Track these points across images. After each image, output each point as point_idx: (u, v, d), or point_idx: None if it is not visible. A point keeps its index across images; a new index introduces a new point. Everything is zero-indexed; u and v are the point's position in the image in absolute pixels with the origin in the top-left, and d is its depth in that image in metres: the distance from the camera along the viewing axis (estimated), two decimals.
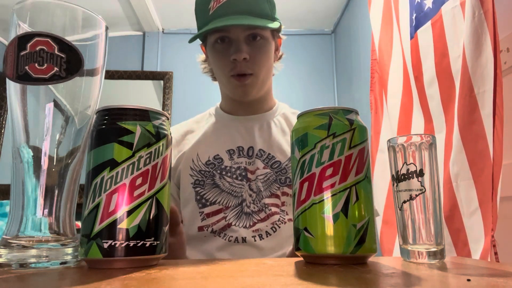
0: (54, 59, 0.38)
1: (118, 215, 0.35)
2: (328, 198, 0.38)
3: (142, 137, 0.37)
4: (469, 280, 0.31)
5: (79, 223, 0.38)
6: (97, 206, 0.35)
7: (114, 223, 0.35)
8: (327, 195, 0.38)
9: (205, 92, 1.94)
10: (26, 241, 0.37)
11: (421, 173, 0.44)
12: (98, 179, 0.36)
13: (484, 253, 0.90)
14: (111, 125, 0.37)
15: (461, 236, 0.99)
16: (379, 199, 1.46)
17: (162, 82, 2.47)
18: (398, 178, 0.45)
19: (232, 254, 0.76)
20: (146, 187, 0.36)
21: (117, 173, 0.36)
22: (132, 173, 0.36)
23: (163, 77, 2.48)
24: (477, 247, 0.93)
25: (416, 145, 0.44)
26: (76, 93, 0.41)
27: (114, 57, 2.44)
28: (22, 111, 0.39)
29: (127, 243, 0.35)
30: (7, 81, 0.39)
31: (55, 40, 0.38)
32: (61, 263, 0.37)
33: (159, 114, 0.40)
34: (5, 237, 0.38)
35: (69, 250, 0.39)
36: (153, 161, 0.37)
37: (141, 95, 2.46)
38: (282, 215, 0.79)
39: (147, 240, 0.36)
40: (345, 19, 2.34)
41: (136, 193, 0.36)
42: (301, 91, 2.48)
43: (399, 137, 0.46)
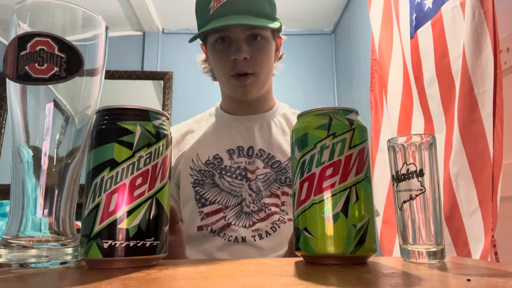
0: (54, 59, 0.38)
1: (118, 215, 0.35)
2: (328, 198, 0.38)
3: (142, 137, 0.37)
4: (469, 280, 0.31)
5: (79, 223, 0.38)
6: (97, 206, 0.35)
7: (114, 223, 0.35)
8: (327, 195, 0.38)
9: (205, 92, 1.94)
10: (26, 241, 0.37)
11: (421, 173, 0.44)
12: (98, 179, 0.36)
13: (484, 253, 0.90)
14: (111, 125, 0.37)
15: (461, 236, 0.99)
16: (379, 199, 1.46)
17: (162, 82, 2.47)
18: (398, 178, 0.45)
19: (231, 253, 0.76)
20: (146, 187, 0.36)
21: (117, 173, 0.36)
22: (132, 173, 0.36)
23: (163, 77, 2.48)
24: (477, 247, 0.93)
25: (416, 145, 0.44)
26: (76, 93, 0.41)
27: (114, 57, 2.45)
28: (22, 111, 0.39)
29: (127, 243, 0.35)
30: (7, 81, 0.39)
31: (55, 40, 0.38)
32: (61, 263, 0.37)
33: (159, 114, 0.40)
34: (5, 237, 0.38)
35: (69, 250, 0.39)
36: (153, 161, 0.37)
37: (141, 95, 2.46)
38: (282, 215, 0.79)
39: (147, 240, 0.36)
40: (345, 19, 2.34)
41: (136, 193, 0.36)
42: (301, 91, 2.48)
43: (399, 137, 0.46)
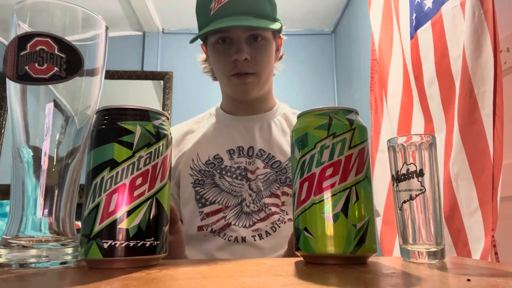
0: (54, 59, 0.38)
1: (118, 215, 0.35)
2: (328, 198, 0.38)
3: (142, 137, 0.37)
4: (469, 280, 0.31)
5: (79, 223, 0.38)
6: (97, 206, 0.35)
7: (114, 223, 0.35)
8: (327, 195, 0.38)
9: (205, 92, 1.95)
10: (26, 241, 0.37)
11: (421, 173, 0.44)
12: (98, 179, 0.36)
13: (484, 253, 0.90)
14: (111, 125, 0.37)
15: (461, 236, 0.99)
16: (379, 199, 1.46)
17: (162, 82, 2.47)
18: (398, 178, 0.45)
19: (231, 253, 0.76)
20: (146, 187, 0.36)
21: (117, 173, 0.36)
22: (132, 173, 0.36)
23: (163, 77, 2.48)
24: (477, 247, 0.93)
25: (416, 145, 0.44)
26: (76, 93, 0.41)
27: (114, 57, 2.45)
28: (22, 111, 0.39)
29: (127, 243, 0.35)
30: (7, 81, 0.39)
31: (55, 40, 0.38)
32: (61, 263, 0.37)
33: (159, 114, 0.40)
34: (5, 237, 0.38)
35: (69, 250, 0.39)
36: (153, 161, 0.37)
37: (141, 95, 2.47)
38: (282, 215, 0.79)
39: (147, 240, 0.36)
40: (345, 19, 2.34)
41: (136, 193, 0.36)
42: (301, 91, 2.48)
43: (399, 137, 0.46)
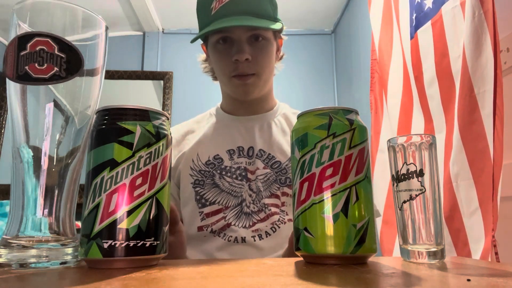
0: (54, 59, 0.38)
1: (118, 215, 0.35)
2: (328, 198, 0.38)
3: (142, 137, 0.37)
4: (469, 280, 0.31)
5: (79, 223, 0.38)
6: (97, 206, 0.35)
7: (114, 223, 0.35)
8: (327, 195, 0.38)
9: (205, 92, 1.95)
10: (26, 241, 0.37)
11: (421, 173, 0.44)
12: (98, 179, 0.36)
13: (484, 253, 0.90)
14: (111, 125, 0.37)
15: (461, 236, 0.99)
16: (379, 199, 1.46)
17: (162, 82, 2.47)
18: (398, 178, 0.45)
19: (231, 254, 0.76)
20: (146, 187, 0.36)
21: (117, 173, 0.36)
22: (132, 173, 0.36)
23: (163, 77, 2.48)
24: (477, 247, 0.93)
25: (416, 145, 0.44)
26: (76, 93, 0.41)
27: (114, 57, 2.45)
28: (22, 111, 0.39)
29: (127, 243, 0.35)
30: (7, 81, 0.39)
31: (55, 40, 0.38)
32: (61, 263, 0.37)
33: (159, 114, 0.40)
34: (5, 237, 0.38)
35: (69, 250, 0.39)
36: (153, 161, 0.37)
37: (141, 95, 2.47)
38: (282, 215, 0.79)
39: (147, 240, 0.36)
40: (345, 19, 2.34)
41: (136, 193, 0.36)
42: (301, 91, 2.48)
43: (399, 137, 0.46)
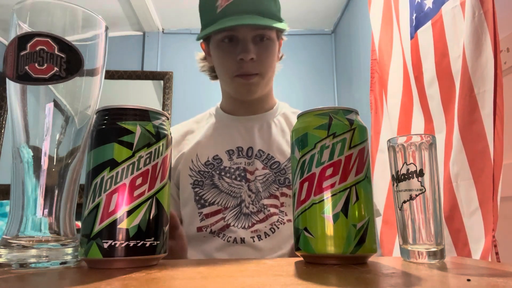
0: (54, 59, 0.38)
1: (118, 215, 0.35)
2: (328, 198, 0.38)
3: (142, 137, 0.37)
4: (469, 280, 0.31)
5: (79, 223, 0.38)
6: (97, 206, 0.35)
7: (114, 223, 0.35)
8: (327, 195, 0.38)
9: (205, 92, 1.94)
10: (26, 241, 0.37)
11: (421, 173, 0.44)
12: (98, 179, 0.36)
13: (484, 253, 0.90)
14: (111, 125, 0.37)
15: (461, 236, 0.99)
16: (379, 199, 1.46)
17: (162, 82, 2.47)
18: (398, 178, 0.45)
19: (230, 254, 0.76)
20: (146, 187, 0.36)
21: (117, 173, 0.36)
22: (132, 173, 0.36)
23: (163, 77, 2.48)
24: (477, 247, 0.93)
25: (416, 145, 0.44)
26: (76, 93, 0.41)
27: (114, 57, 2.45)
28: (22, 111, 0.39)
29: (127, 243, 0.35)
30: (7, 81, 0.39)
31: (55, 40, 0.38)
32: (61, 263, 0.37)
33: (159, 114, 0.40)
34: (5, 237, 0.38)
35: (69, 250, 0.39)
36: (153, 161, 0.37)
37: (141, 95, 2.46)
38: (281, 216, 0.79)
39: (147, 240, 0.36)
40: (345, 19, 2.34)
41: (136, 193, 0.36)
42: (301, 91, 2.48)
43: (399, 137, 0.46)
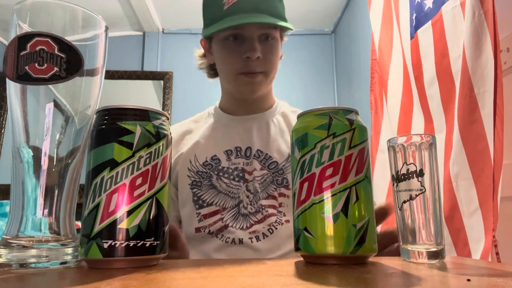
0: (54, 59, 0.38)
1: (118, 215, 0.35)
2: (328, 198, 0.38)
3: (142, 137, 0.37)
4: (469, 280, 0.31)
5: (79, 223, 0.38)
6: (97, 206, 0.35)
7: (114, 223, 0.35)
8: (327, 195, 0.38)
9: (205, 92, 1.94)
10: (26, 241, 0.37)
11: (421, 173, 0.44)
12: (98, 179, 0.36)
13: (484, 253, 0.90)
14: (111, 125, 0.37)
15: (461, 236, 0.99)
16: (379, 199, 1.46)
17: (162, 82, 2.48)
18: (398, 178, 0.45)
19: (229, 255, 0.76)
20: (146, 187, 0.36)
21: (117, 173, 0.36)
22: (132, 173, 0.36)
23: (163, 77, 2.48)
24: (477, 247, 0.93)
25: (416, 145, 0.44)
26: (76, 93, 0.41)
27: (114, 57, 2.45)
28: (22, 111, 0.39)
29: (127, 243, 0.35)
30: (7, 81, 0.39)
31: (55, 40, 0.38)
32: (61, 263, 0.37)
33: (159, 114, 0.40)
34: (5, 237, 0.38)
35: (69, 250, 0.39)
36: (153, 161, 0.37)
37: (141, 95, 2.47)
38: (279, 217, 0.79)
39: (147, 240, 0.36)
40: (345, 19, 2.34)
41: (136, 193, 0.36)
42: (301, 91, 2.48)
43: (399, 137, 0.46)
